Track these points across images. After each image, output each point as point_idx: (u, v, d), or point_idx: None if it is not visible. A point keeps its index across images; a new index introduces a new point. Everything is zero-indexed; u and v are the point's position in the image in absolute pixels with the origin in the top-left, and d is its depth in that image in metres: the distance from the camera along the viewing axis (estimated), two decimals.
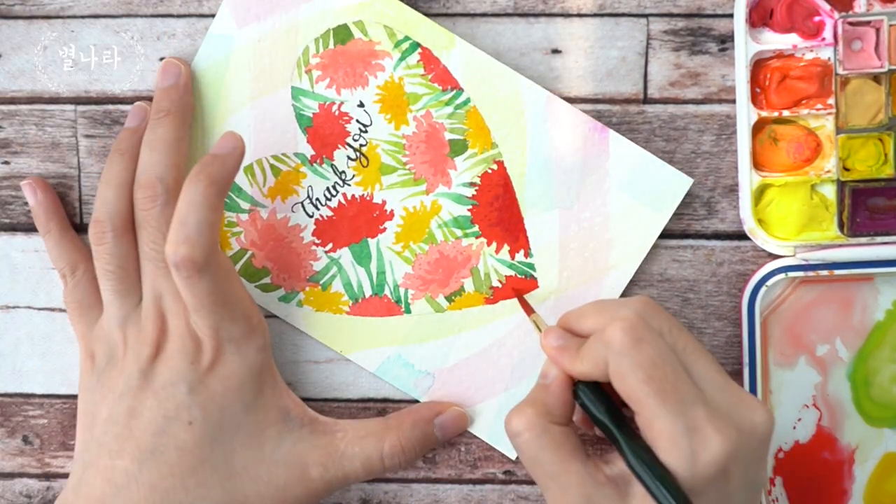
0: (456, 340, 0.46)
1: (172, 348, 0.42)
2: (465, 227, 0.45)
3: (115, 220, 0.43)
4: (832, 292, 0.45)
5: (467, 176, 0.45)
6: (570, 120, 0.44)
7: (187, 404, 0.41)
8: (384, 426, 0.44)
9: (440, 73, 0.45)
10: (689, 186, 0.45)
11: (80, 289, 0.44)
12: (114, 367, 0.43)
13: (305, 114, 0.45)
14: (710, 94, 0.45)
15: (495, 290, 0.46)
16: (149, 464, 0.41)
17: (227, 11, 0.45)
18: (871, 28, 0.43)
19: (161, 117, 0.43)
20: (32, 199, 0.45)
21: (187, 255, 0.39)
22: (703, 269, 0.46)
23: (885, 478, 0.46)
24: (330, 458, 0.43)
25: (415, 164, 0.45)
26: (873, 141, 0.44)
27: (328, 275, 0.46)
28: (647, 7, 0.45)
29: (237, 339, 0.42)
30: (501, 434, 0.46)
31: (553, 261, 0.45)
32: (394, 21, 0.45)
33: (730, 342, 0.46)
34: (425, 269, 0.46)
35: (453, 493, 0.47)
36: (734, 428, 0.36)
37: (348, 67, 0.45)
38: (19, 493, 0.47)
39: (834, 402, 0.46)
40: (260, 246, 0.46)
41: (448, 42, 0.45)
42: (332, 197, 0.46)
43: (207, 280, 0.40)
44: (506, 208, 0.45)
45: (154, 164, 0.43)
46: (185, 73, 0.44)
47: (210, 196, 0.39)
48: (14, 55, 0.46)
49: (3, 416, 0.47)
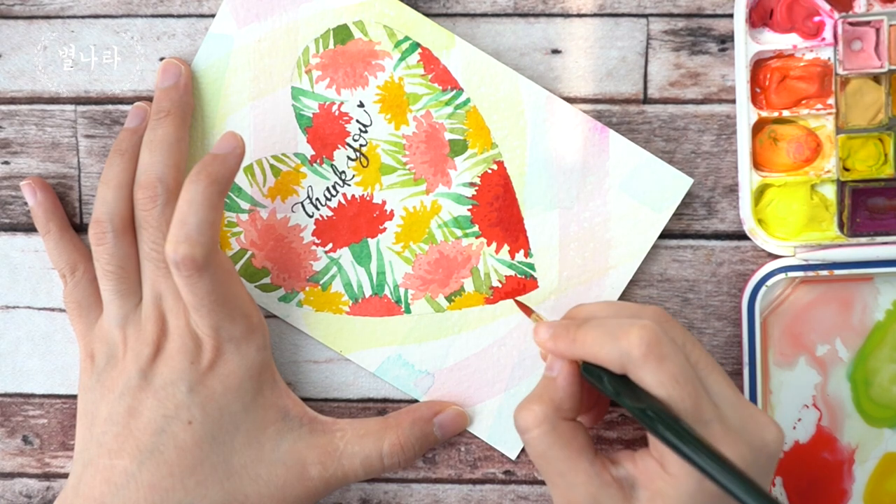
0: (456, 340, 0.46)
1: (172, 348, 0.42)
2: (465, 227, 0.45)
3: (114, 221, 0.43)
4: (832, 292, 0.45)
5: (467, 176, 0.45)
6: (570, 120, 0.44)
7: (187, 404, 0.41)
8: (383, 425, 0.44)
9: (440, 73, 0.45)
10: (690, 186, 0.45)
11: (80, 289, 0.44)
12: (114, 367, 0.43)
13: (305, 114, 0.45)
14: (710, 94, 0.45)
15: (495, 290, 0.46)
16: (148, 463, 0.41)
17: (227, 11, 0.45)
18: (871, 28, 0.43)
19: (161, 118, 0.43)
20: (32, 200, 0.45)
21: (188, 254, 0.39)
22: (703, 269, 0.46)
23: (885, 478, 0.46)
24: (329, 457, 0.43)
25: (415, 164, 0.45)
26: (873, 141, 0.44)
27: (328, 275, 0.46)
28: (647, 7, 0.45)
29: (237, 338, 0.42)
30: (501, 434, 0.46)
31: (553, 261, 0.45)
32: (394, 21, 0.45)
33: (730, 342, 0.46)
34: (425, 269, 0.46)
35: (453, 493, 0.47)
36: (746, 445, 0.37)
37: (348, 67, 0.45)
38: (19, 493, 0.47)
39: (834, 403, 0.46)
40: (260, 246, 0.46)
41: (448, 42, 0.45)
42: (332, 197, 0.46)
43: (207, 279, 0.40)
44: (506, 208, 0.45)
45: (154, 165, 0.43)
46: (185, 73, 0.44)
47: (211, 195, 0.39)
48: (14, 55, 0.46)
49: (3, 416, 0.47)
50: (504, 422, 0.46)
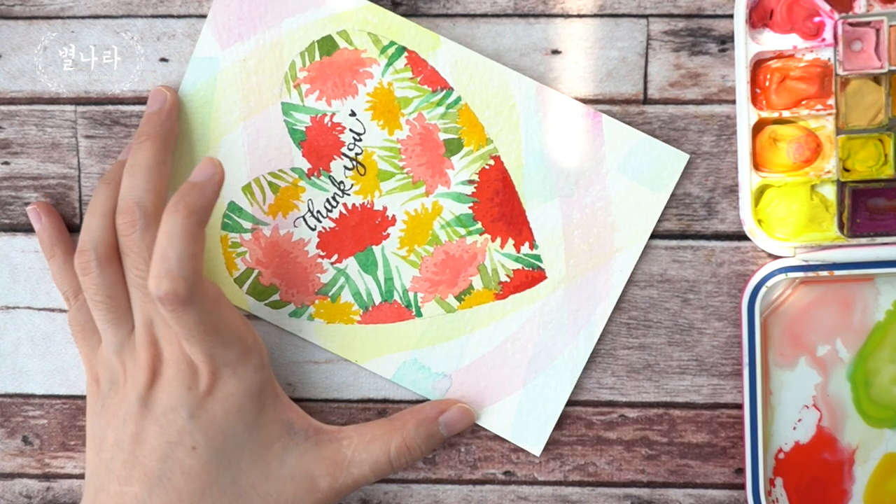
0: (469, 339, 0.46)
1: (169, 374, 0.41)
2: (467, 225, 0.45)
3: (98, 249, 0.42)
4: (832, 293, 0.45)
5: (465, 174, 0.45)
6: (563, 108, 0.44)
7: (189, 429, 0.41)
8: (389, 428, 0.44)
9: (428, 75, 0.45)
10: (686, 162, 0.45)
11: (83, 313, 0.44)
12: (117, 392, 0.42)
13: (298, 128, 0.45)
14: (710, 95, 0.45)
15: (504, 284, 0.45)
16: (157, 490, 0.41)
17: (208, 34, 0.45)
18: (871, 29, 0.43)
19: (141, 142, 0.43)
20: (37, 225, 0.45)
21: (170, 289, 0.38)
22: (704, 269, 0.46)
23: (886, 478, 0.46)
24: (338, 468, 0.43)
25: (412, 168, 0.45)
26: (873, 142, 0.44)
27: (336, 286, 0.46)
28: (647, 7, 0.45)
29: (233, 362, 0.41)
30: (524, 431, 0.46)
31: (559, 250, 0.45)
32: (377, 27, 0.44)
33: (730, 342, 0.46)
34: (432, 271, 0.46)
35: (453, 494, 0.47)
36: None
37: (336, 78, 0.45)
38: (19, 493, 0.47)
39: (834, 403, 0.46)
40: (266, 264, 0.46)
41: (433, 43, 0.44)
42: (333, 208, 0.46)
43: (193, 311, 0.39)
44: (507, 202, 0.45)
45: (132, 189, 0.42)
46: (170, 99, 0.44)
47: (189, 227, 0.39)
48: (14, 55, 0.46)
49: (3, 416, 0.47)
50: (525, 418, 0.46)
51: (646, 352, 0.46)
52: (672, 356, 0.46)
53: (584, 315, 0.45)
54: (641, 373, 0.46)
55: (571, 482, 0.47)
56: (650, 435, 0.46)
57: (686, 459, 0.46)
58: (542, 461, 0.46)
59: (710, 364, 0.46)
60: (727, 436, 0.46)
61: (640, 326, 0.46)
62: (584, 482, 0.46)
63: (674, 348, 0.46)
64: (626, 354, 0.46)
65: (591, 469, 0.46)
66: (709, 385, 0.46)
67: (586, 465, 0.46)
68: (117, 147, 0.46)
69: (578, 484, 0.47)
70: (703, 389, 0.46)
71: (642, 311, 0.46)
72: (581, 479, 0.46)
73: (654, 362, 0.46)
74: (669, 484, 0.46)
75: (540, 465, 0.46)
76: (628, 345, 0.46)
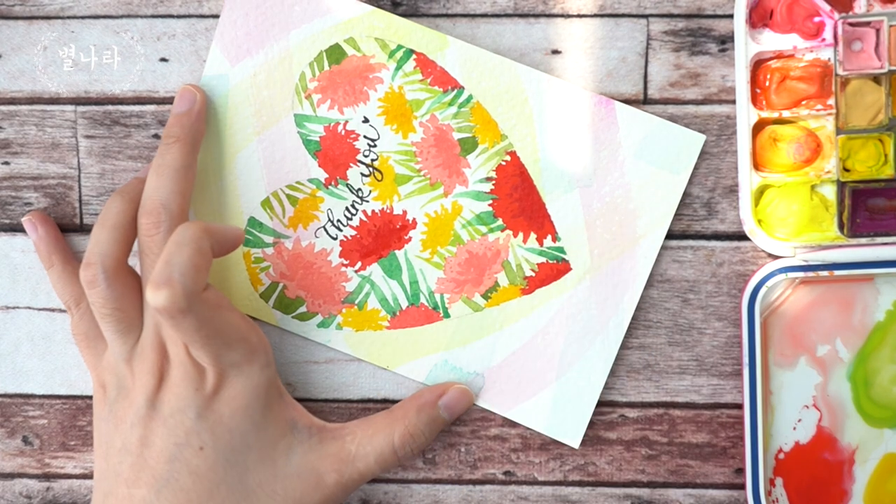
0: (500, 337, 0.46)
1: (176, 376, 0.41)
2: (488, 222, 0.45)
3: (105, 262, 0.42)
4: (832, 293, 0.45)
5: (482, 172, 0.45)
6: (575, 98, 0.44)
7: (196, 430, 0.41)
8: (390, 419, 0.44)
9: (438, 75, 0.45)
10: (703, 143, 0.44)
11: (86, 321, 0.44)
12: (124, 397, 0.42)
13: (312, 138, 0.45)
14: (710, 95, 0.45)
15: (529, 279, 0.45)
16: (165, 491, 0.41)
17: (217, 51, 0.45)
18: (871, 29, 0.43)
19: (170, 143, 0.43)
20: (34, 235, 0.45)
21: (168, 298, 0.38)
22: (704, 269, 0.46)
23: (886, 478, 0.46)
24: (343, 463, 0.43)
25: (428, 169, 0.45)
26: (873, 142, 0.44)
27: (362, 293, 0.46)
28: (647, 7, 0.45)
29: (239, 362, 0.41)
30: (560, 425, 0.46)
31: (582, 241, 0.45)
32: (384, 32, 0.44)
33: (730, 342, 0.46)
34: (457, 271, 0.46)
35: (453, 494, 0.47)
36: None
37: (347, 86, 0.45)
38: (19, 493, 0.47)
39: (834, 403, 0.46)
40: (290, 276, 0.46)
41: (441, 43, 0.44)
42: (353, 216, 0.45)
43: (192, 319, 0.39)
44: (526, 197, 0.45)
45: (159, 189, 0.42)
46: (199, 100, 0.44)
47: (200, 240, 0.39)
48: (14, 55, 0.46)
49: (3, 416, 0.47)
50: (561, 411, 0.45)
51: (646, 352, 0.46)
52: (672, 356, 0.46)
53: (612, 304, 0.45)
54: (641, 373, 0.46)
55: (571, 482, 0.47)
56: (650, 435, 0.46)
57: (686, 459, 0.46)
58: (542, 461, 0.46)
59: (710, 364, 0.46)
60: (727, 436, 0.46)
61: (639, 326, 0.46)
62: (584, 482, 0.47)
63: (674, 348, 0.46)
64: (626, 354, 0.46)
65: (591, 469, 0.46)
66: (709, 385, 0.46)
67: (586, 465, 0.46)
68: (117, 147, 0.46)
69: (578, 484, 0.47)
70: (703, 389, 0.46)
71: (642, 311, 0.46)
72: (581, 479, 0.46)
73: (654, 362, 0.46)
74: (669, 484, 0.46)
75: (540, 465, 0.46)
76: (628, 345, 0.46)
